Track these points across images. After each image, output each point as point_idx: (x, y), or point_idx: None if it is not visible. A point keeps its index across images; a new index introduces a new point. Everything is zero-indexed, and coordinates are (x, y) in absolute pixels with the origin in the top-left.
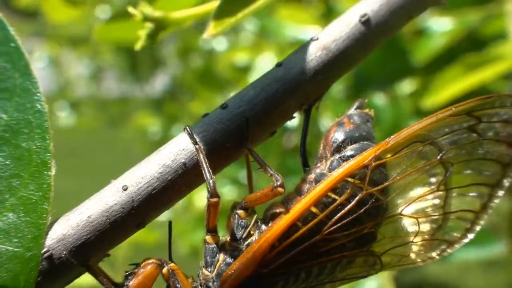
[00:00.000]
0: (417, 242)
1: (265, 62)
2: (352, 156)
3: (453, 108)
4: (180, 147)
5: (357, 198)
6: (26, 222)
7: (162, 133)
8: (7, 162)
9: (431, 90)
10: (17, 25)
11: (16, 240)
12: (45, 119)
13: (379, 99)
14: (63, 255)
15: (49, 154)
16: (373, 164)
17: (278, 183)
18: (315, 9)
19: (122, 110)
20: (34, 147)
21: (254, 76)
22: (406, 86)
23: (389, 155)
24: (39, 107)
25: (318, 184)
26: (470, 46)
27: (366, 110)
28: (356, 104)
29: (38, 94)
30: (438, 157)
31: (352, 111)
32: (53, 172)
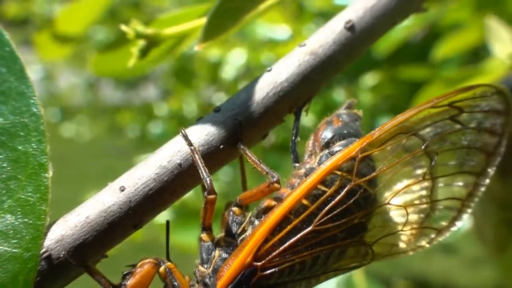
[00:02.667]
0: (406, 231)
1: (236, 58)
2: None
3: (435, 100)
4: (175, 149)
5: (346, 189)
6: (24, 223)
7: (140, 129)
8: (4, 165)
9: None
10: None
11: (14, 241)
12: (41, 122)
13: (339, 95)
14: (61, 256)
15: (45, 157)
16: (360, 155)
17: (275, 179)
18: (286, 7)
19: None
20: (30, 149)
21: (225, 70)
22: (369, 79)
23: (374, 147)
24: (35, 110)
25: (308, 177)
26: (432, 39)
27: (355, 111)
28: (345, 104)
29: (34, 98)
30: (422, 147)
31: (341, 110)
32: (50, 174)
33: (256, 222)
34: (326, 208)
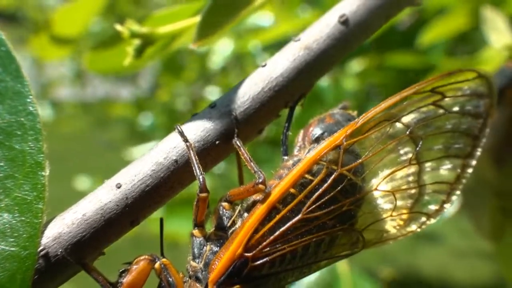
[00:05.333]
0: (395, 216)
1: (223, 47)
2: None
3: (417, 86)
4: (171, 145)
5: (332, 177)
6: (22, 222)
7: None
8: (1, 164)
9: None
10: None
11: (12, 239)
12: (38, 120)
13: (323, 81)
14: (59, 253)
15: (42, 155)
16: (345, 143)
17: (260, 180)
18: None
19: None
20: (27, 148)
21: (213, 60)
22: (355, 65)
23: (359, 135)
24: (31, 109)
25: (295, 166)
26: (420, 27)
27: (350, 111)
28: (340, 105)
29: (30, 97)
30: (407, 132)
31: (335, 110)
32: (47, 172)
33: (245, 214)
34: (314, 196)
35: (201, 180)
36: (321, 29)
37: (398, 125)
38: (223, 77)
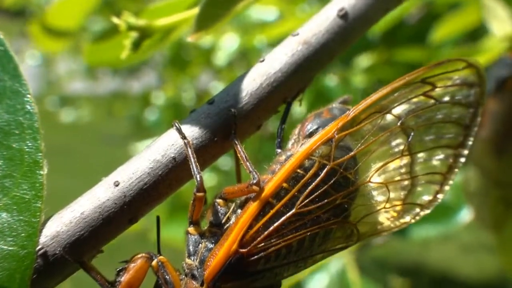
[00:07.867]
0: (389, 208)
1: (228, 43)
2: None
3: (407, 77)
4: (169, 143)
5: (325, 170)
6: (20, 221)
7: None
8: None
9: None
10: (4, 25)
11: (10, 238)
12: (36, 119)
13: (331, 80)
14: (57, 252)
15: (40, 154)
16: (337, 136)
17: (254, 181)
18: None
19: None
20: (25, 147)
21: (218, 56)
22: (363, 61)
23: (351, 127)
24: (29, 108)
25: (287, 161)
26: (429, 21)
27: (349, 106)
28: (340, 99)
29: (28, 96)
30: (398, 124)
31: (334, 104)
32: (45, 171)
33: (239, 211)
34: (307, 191)
35: (198, 179)
36: (320, 23)
37: (389, 116)
38: (229, 71)
